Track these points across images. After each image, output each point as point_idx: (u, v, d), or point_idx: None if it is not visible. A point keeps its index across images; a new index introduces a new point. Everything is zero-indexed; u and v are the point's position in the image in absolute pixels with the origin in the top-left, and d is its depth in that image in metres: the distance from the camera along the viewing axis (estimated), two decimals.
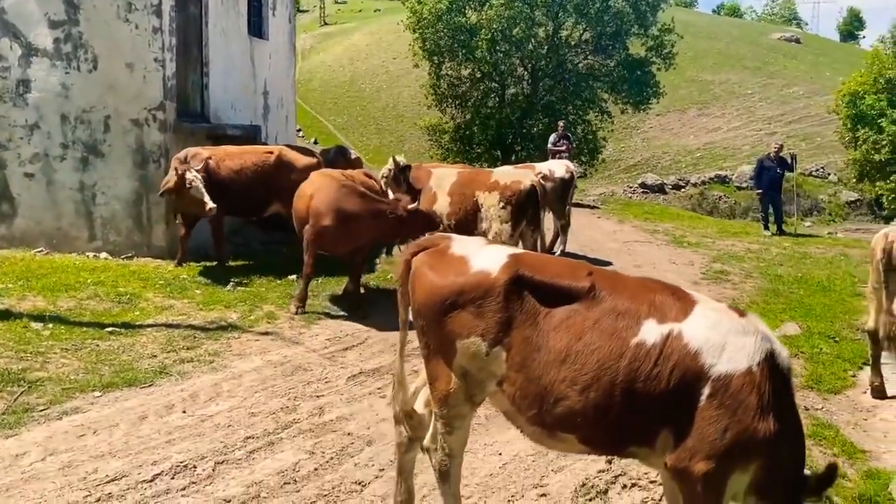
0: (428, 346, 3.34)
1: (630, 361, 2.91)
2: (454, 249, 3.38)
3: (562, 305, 3.07)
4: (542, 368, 3.03)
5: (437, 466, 3.48)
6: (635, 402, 2.90)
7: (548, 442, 3.25)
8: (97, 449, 4.64)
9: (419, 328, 3.37)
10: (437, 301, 3.22)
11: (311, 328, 7.42)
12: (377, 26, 53.43)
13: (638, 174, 31.67)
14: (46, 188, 9.88)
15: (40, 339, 6.51)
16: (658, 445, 2.95)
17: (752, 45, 50.10)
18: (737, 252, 12.83)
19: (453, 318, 3.18)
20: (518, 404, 3.12)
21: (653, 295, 3.06)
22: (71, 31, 9.67)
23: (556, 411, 3.01)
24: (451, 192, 8.52)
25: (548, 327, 3.06)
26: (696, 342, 2.89)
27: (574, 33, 25.64)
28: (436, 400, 3.36)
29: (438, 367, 3.30)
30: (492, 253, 3.32)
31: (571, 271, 3.23)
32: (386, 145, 36.02)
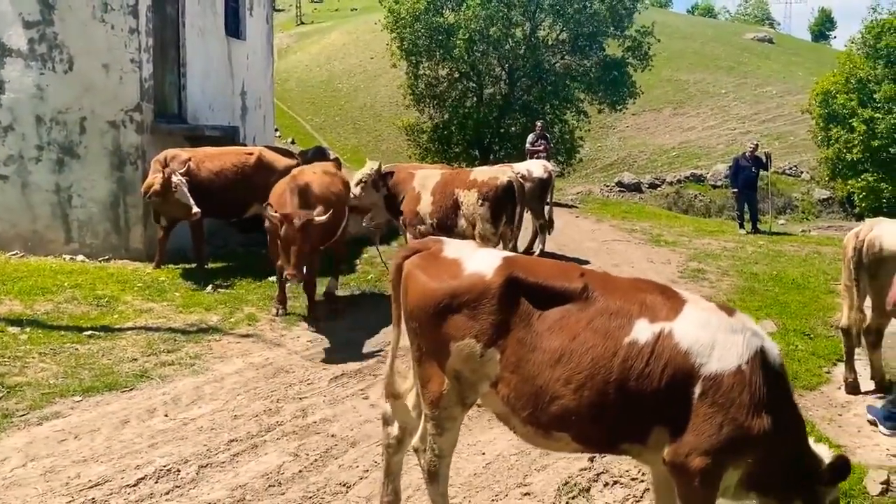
0: (420, 348, 3.37)
1: (623, 360, 2.97)
2: (447, 252, 3.41)
3: (555, 306, 3.12)
4: (536, 369, 3.07)
5: (426, 467, 3.51)
6: (628, 401, 2.97)
7: (542, 441, 3.30)
8: (79, 454, 4.61)
9: (412, 330, 3.40)
10: (431, 304, 3.25)
11: (293, 330, 7.41)
12: (354, 25, 53.28)
13: (614, 173, 31.90)
14: (21, 190, 9.76)
15: (18, 343, 6.44)
16: (650, 442, 3.01)
17: (726, 45, 50.65)
18: (713, 251, 12.99)
19: (447, 320, 3.21)
20: (512, 405, 3.16)
21: (644, 295, 3.13)
22: (45, 32, 9.56)
23: (550, 410, 3.06)
24: (433, 191, 8.51)
25: (542, 328, 3.10)
26: (687, 341, 2.96)
27: (551, 33, 25.80)
28: (427, 402, 3.39)
29: (431, 369, 3.33)
30: (485, 256, 3.36)
31: (564, 273, 3.28)
32: (364, 145, 35.98)
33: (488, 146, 25.54)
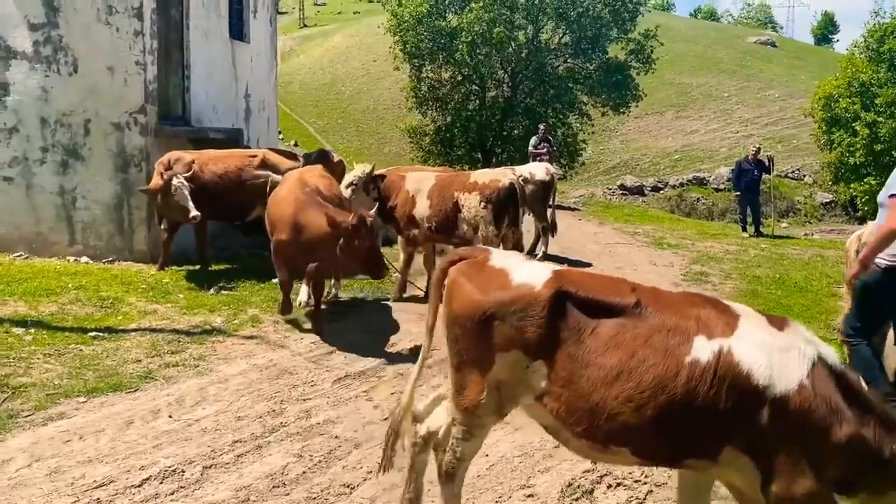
0: (461, 355, 3.33)
1: (686, 380, 2.93)
2: (493, 262, 3.38)
3: (608, 322, 3.09)
4: (591, 385, 3.03)
5: (444, 468, 3.50)
6: (693, 420, 2.94)
7: (598, 455, 3.28)
8: (84, 454, 4.63)
9: (453, 337, 3.36)
10: (478, 313, 3.21)
11: (296, 332, 7.43)
12: (357, 28, 53.35)
13: (617, 176, 31.89)
14: (26, 192, 9.79)
15: (23, 344, 6.47)
16: (722, 459, 2.99)
17: (729, 49, 50.66)
18: (716, 253, 12.99)
19: (494, 330, 3.18)
20: (564, 419, 3.13)
21: (697, 310, 3.10)
22: (51, 34, 9.60)
23: (608, 427, 3.02)
24: (430, 194, 8.46)
25: (596, 344, 3.06)
26: (747, 362, 2.92)
27: (554, 37, 25.83)
28: (460, 408, 3.36)
29: (471, 377, 3.29)
30: (534, 268, 3.34)
31: (615, 287, 3.25)
32: (367, 147, 36.03)
33: (490, 149, 25.57)
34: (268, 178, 9.04)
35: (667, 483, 4.48)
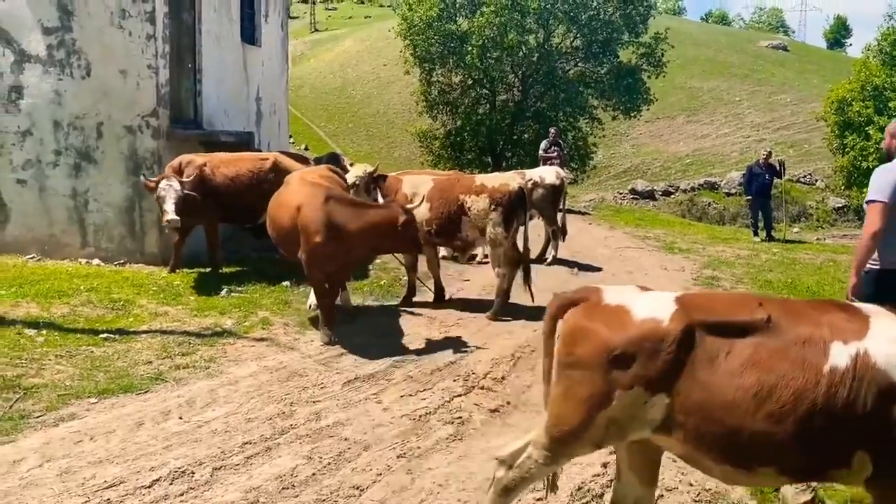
0: (573, 393, 3.25)
1: (827, 389, 2.91)
2: (609, 300, 3.32)
3: (741, 342, 3.04)
4: (729, 408, 2.99)
5: (506, 482, 3.45)
6: (835, 428, 2.92)
7: (743, 479, 3.25)
8: (95, 455, 4.64)
9: (570, 376, 3.27)
10: (605, 354, 3.14)
11: (306, 334, 7.44)
12: (367, 33, 53.52)
13: (628, 180, 31.85)
14: (39, 195, 9.85)
15: (34, 345, 6.50)
16: (854, 465, 2.97)
17: (740, 53, 50.50)
18: (727, 258, 12.94)
19: (617, 370, 3.11)
20: (701, 447, 3.08)
21: (827, 316, 3.07)
22: (64, 38, 9.67)
23: (751, 448, 2.99)
24: (430, 197, 8.39)
25: (730, 366, 3.02)
26: (883, 359, 2.91)
27: (565, 41, 25.79)
28: (553, 437, 3.30)
29: (577, 412, 3.22)
30: (654, 300, 3.27)
31: (743, 305, 3.20)
32: (377, 151, 36.07)
33: (501, 153, 25.55)
34: None
35: (677, 488, 4.46)
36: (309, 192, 7.23)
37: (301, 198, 7.17)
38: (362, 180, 8.55)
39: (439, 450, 4.91)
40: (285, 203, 7.40)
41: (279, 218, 7.46)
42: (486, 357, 6.87)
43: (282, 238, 7.56)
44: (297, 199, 7.20)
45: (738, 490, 4.44)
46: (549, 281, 10.29)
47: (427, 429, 5.25)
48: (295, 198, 7.27)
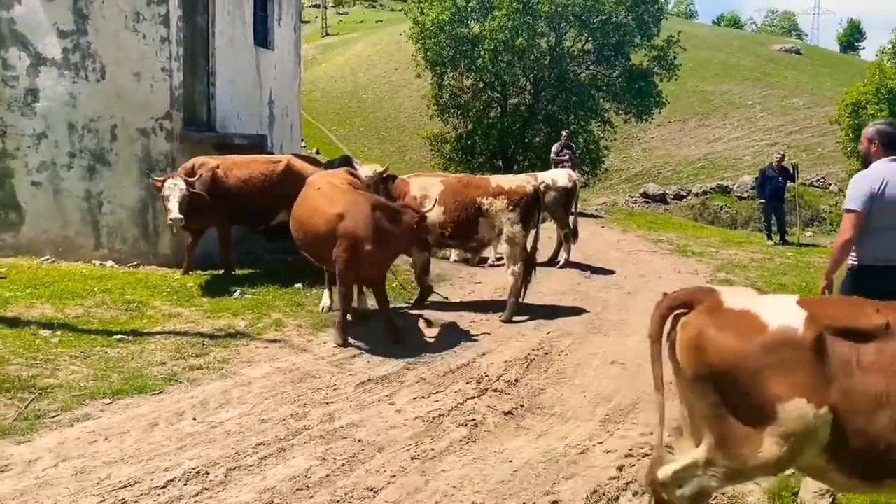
0: (718, 407, 3.13)
1: None
2: (730, 303, 3.21)
3: (866, 347, 2.99)
4: (865, 419, 2.93)
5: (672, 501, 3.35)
6: None
7: (869, 489, 3.24)
8: (109, 455, 4.65)
9: (705, 391, 3.16)
10: (746, 362, 3.03)
11: (319, 336, 7.44)
12: (379, 37, 53.68)
13: (640, 184, 31.77)
14: (53, 197, 9.91)
15: (49, 346, 6.53)
16: None
17: (752, 56, 50.34)
18: (741, 261, 12.86)
19: (764, 379, 3.00)
20: (836, 461, 3.03)
21: None
22: (79, 41, 9.72)
23: (883, 459, 2.94)
24: (443, 200, 8.38)
25: (860, 375, 2.96)
26: None
27: (576, 44, 25.77)
28: (734, 459, 3.14)
29: (742, 430, 3.09)
30: (779, 305, 3.18)
31: (861, 310, 3.14)
32: (388, 155, 36.12)
33: (512, 156, 25.53)
34: None
35: None
36: (352, 199, 7.22)
37: (343, 205, 7.11)
38: (371, 180, 8.52)
39: (453, 452, 4.89)
40: (321, 209, 7.28)
41: (313, 224, 7.32)
42: (499, 359, 6.85)
43: (315, 243, 7.40)
44: (338, 205, 7.13)
45: (756, 494, 4.40)
46: (562, 284, 10.28)
47: (440, 431, 5.23)
48: (334, 204, 7.20)
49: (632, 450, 4.94)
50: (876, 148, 5.09)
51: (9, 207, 9.90)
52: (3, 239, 9.91)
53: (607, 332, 7.92)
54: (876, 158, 5.07)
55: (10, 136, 9.83)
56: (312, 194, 7.67)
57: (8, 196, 9.89)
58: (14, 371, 5.85)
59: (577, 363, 6.84)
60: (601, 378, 6.45)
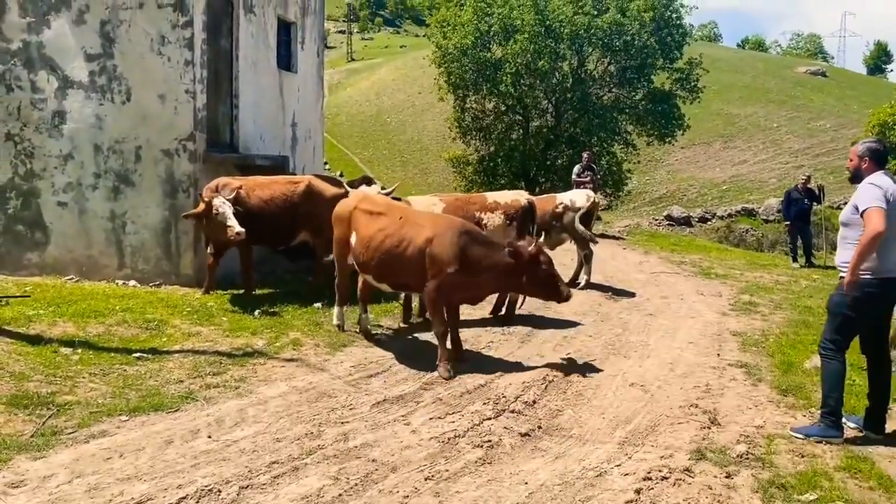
0: None
1: None
2: None
3: None
4: None
5: None
6: None
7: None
8: (123, 472, 4.65)
9: None
10: None
11: (336, 355, 7.42)
12: (403, 62, 54.21)
13: (663, 206, 31.55)
14: (78, 217, 10.05)
15: (69, 363, 6.58)
16: None
17: (777, 79, 50.06)
18: (765, 283, 12.68)
19: None
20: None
21: None
22: (106, 64, 9.91)
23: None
24: None
25: None
26: None
27: (599, 66, 25.81)
28: None
29: None
30: None
31: None
32: (411, 178, 36.30)
33: (534, 178, 25.53)
34: None
35: None
36: (443, 223, 7.25)
37: (431, 229, 7.08)
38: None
39: (468, 473, 4.82)
40: (405, 235, 7.18)
41: (396, 248, 7.17)
42: (516, 380, 6.77)
43: (396, 268, 7.24)
44: (426, 230, 7.10)
45: None
46: (582, 305, 10.18)
47: (456, 451, 5.17)
48: (420, 229, 7.15)
49: (650, 473, 4.83)
50: (867, 164, 5.53)
51: (35, 227, 10.06)
52: (28, 258, 10.06)
53: (627, 354, 7.82)
54: (867, 174, 5.49)
55: (38, 157, 10.02)
56: (385, 220, 7.39)
57: (34, 216, 10.06)
58: (33, 387, 5.90)
59: (596, 385, 6.74)
60: (620, 400, 6.35)
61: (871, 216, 5.22)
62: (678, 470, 4.87)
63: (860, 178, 5.56)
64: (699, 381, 6.88)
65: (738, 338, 8.62)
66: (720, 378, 7.00)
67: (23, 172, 10.05)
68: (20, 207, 10.08)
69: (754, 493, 4.59)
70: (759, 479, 4.78)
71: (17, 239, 10.08)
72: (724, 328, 9.12)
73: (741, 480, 4.77)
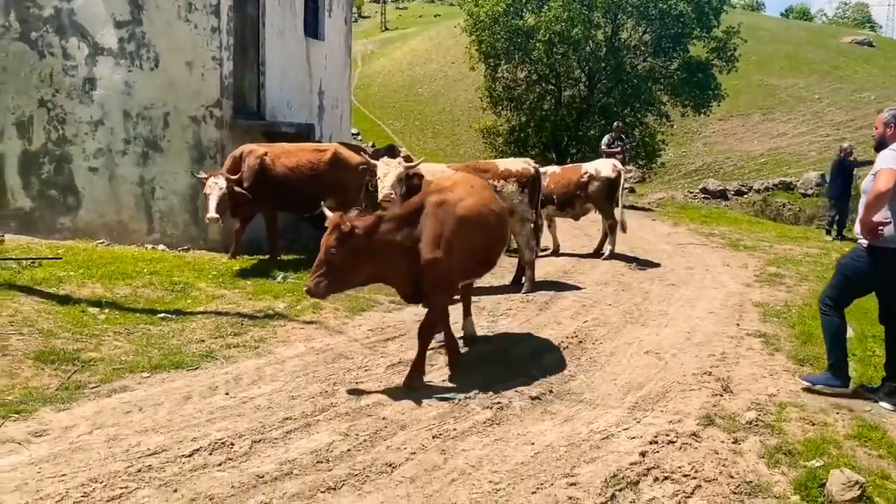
0: None
1: None
2: None
3: None
4: None
5: None
6: None
7: None
8: (141, 425, 4.81)
9: None
10: None
11: (355, 319, 7.53)
12: (436, 31, 53.82)
13: (699, 179, 31.12)
14: (109, 182, 10.28)
15: (96, 322, 6.78)
16: None
17: (821, 49, 48.64)
18: (794, 256, 12.48)
19: None
20: None
21: None
22: (135, 31, 10.05)
23: None
24: None
25: None
26: None
27: (634, 35, 25.35)
28: None
29: None
30: None
31: None
32: (442, 149, 36.24)
33: (565, 148, 25.30)
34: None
35: (717, 479, 4.33)
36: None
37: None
38: (403, 174, 7.69)
39: (475, 432, 4.90)
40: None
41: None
42: (531, 346, 6.82)
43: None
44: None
45: (782, 484, 4.29)
46: (604, 275, 10.16)
47: (465, 412, 5.24)
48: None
49: (657, 436, 4.86)
50: (892, 131, 5.49)
51: (67, 192, 10.31)
52: (61, 222, 10.33)
53: (645, 322, 7.80)
54: (892, 142, 5.42)
55: (70, 123, 10.23)
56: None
57: (66, 181, 10.31)
58: (60, 344, 6.10)
59: (610, 352, 6.76)
60: (634, 367, 6.36)
61: (880, 176, 5.22)
62: (685, 434, 4.89)
63: (885, 146, 5.46)
64: (715, 349, 6.85)
65: (760, 308, 8.54)
66: (737, 347, 6.96)
67: (55, 138, 10.28)
68: (53, 172, 10.33)
69: (760, 459, 4.59)
70: (767, 444, 4.77)
71: (50, 203, 10.34)
72: (747, 299, 9.03)
73: (748, 446, 4.77)
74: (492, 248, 6.32)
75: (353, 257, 5.41)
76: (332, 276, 5.40)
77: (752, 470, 4.46)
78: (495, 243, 6.37)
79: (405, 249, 5.58)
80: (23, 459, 4.22)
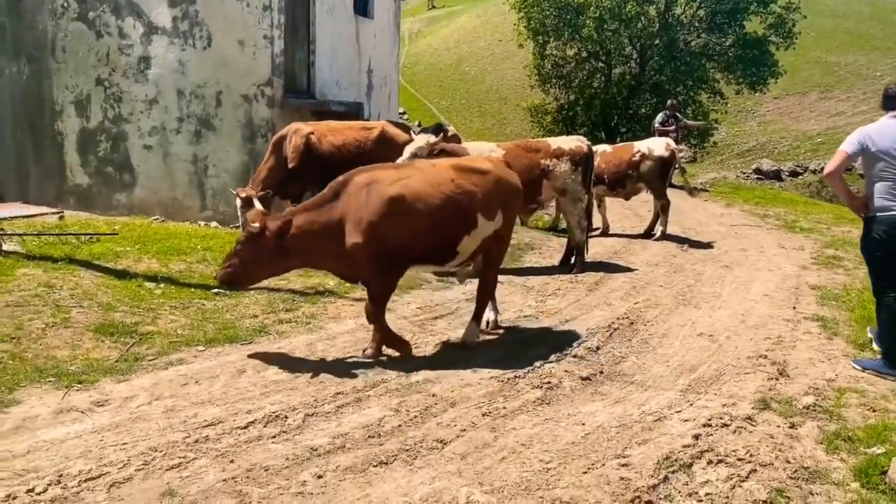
0: None
1: None
2: None
3: None
4: None
5: None
6: None
7: None
8: (198, 397, 4.92)
9: None
10: None
11: (404, 297, 7.56)
12: (484, 8, 53.29)
13: (752, 160, 30.35)
14: (163, 160, 10.47)
15: (152, 297, 6.94)
16: None
17: (884, 24, 46.80)
18: (852, 238, 12.08)
19: None
20: None
21: None
22: (188, 10, 10.17)
23: None
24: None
25: None
26: None
27: (687, 11, 24.75)
28: None
29: None
30: None
31: None
32: (488, 128, 36.02)
33: (615, 127, 24.93)
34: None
35: (772, 464, 4.24)
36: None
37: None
38: (423, 151, 7.75)
39: (525, 412, 4.89)
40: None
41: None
42: (581, 326, 6.77)
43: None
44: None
45: (841, 470, 4.19)
46: (656, 256, 10.01)
47: (515, 391, 5.24)
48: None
49: (711, 420, 4.78)
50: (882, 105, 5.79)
51: (123, 169, 10.55)
52: (118, 199, 10.57)
53: (698, 304, 7.67)
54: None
55: (125, 102, 10.44)
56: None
57: (122, 158, 10.53)
58: (119, 318, 6.26)
59: (663, 333, 6.67)
60: (687, 349, 6.26)
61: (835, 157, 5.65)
62: (740, 418, 4.80)
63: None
64: (770, 332, 6.70)
65: (817, 291, 8.32)
66: (793, 331, 6.80)
67: (112, 116, 10.50)
68: (110, 150, 10.57)
69: (818, 444, 4.49)
70: (825, 430, 4.67)
71: (107, 180, 10.60)
72: (803, 281, 8.81)
73: (805, 431, 4.67)
74: (450, 231, 5.80)
75: (263, 255, 5.52)
76: (242, 269, 5.60)
77: (809, 455, 4.36)
78: (454, 225, 5.79)
79: (331, 235, 5.48)
80: (86, 427, 4.35)
